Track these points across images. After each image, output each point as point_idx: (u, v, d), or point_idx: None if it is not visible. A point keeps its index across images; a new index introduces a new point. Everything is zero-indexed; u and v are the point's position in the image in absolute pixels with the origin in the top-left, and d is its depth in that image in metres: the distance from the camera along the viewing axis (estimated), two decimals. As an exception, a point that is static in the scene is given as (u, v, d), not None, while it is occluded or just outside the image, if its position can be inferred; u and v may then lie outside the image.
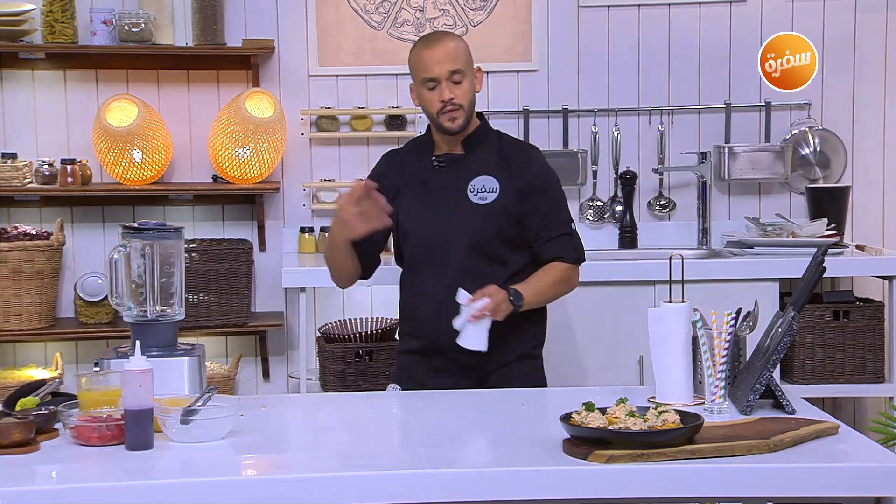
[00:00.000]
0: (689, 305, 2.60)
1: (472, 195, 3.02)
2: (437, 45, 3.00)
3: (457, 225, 3.00)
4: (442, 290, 2.97)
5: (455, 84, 2.98)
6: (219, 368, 4.27)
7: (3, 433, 2.25)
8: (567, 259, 3.06)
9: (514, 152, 3.08)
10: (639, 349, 3.96)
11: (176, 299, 2.77)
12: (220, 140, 4.23)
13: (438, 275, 3.00)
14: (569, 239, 3.08)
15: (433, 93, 2.99)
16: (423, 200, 3.05)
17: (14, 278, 4.08)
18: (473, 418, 2.70)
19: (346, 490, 2.13)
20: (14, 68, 4.28)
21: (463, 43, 3.05)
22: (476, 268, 2.99)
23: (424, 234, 3.04)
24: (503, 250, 3.03)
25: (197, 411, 2.35)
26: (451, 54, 2.98)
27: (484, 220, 3.00)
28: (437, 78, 2.97)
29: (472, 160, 3.05)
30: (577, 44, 4.52)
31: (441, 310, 2.95)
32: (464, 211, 3.00)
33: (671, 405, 2.40)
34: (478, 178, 3.02)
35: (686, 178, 4.59)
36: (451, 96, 2.97)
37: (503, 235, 3.02)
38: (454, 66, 2.98)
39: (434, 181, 3.05)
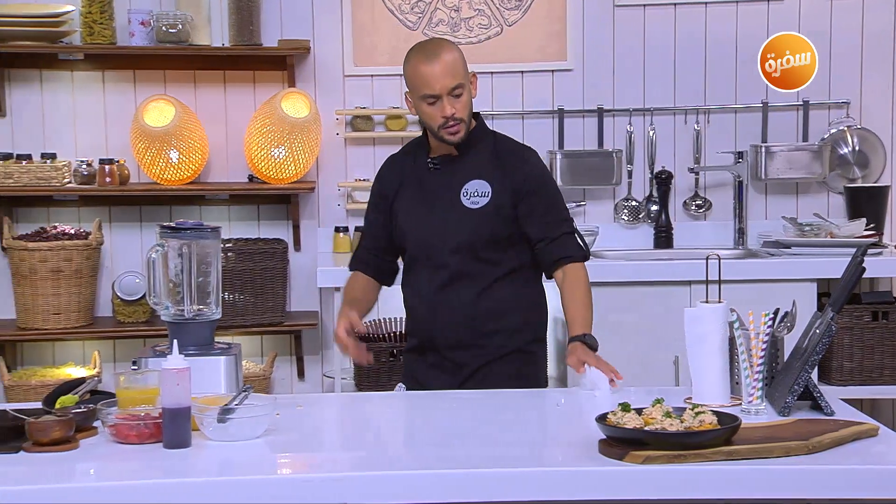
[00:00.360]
0: (725, 306, 2.59)
1: (465, 199, 3.00)
2: (436, 59, 2.91)
3: (450, 228, 3.01)
4: (435, 289, 3.01)
5: (456, 98, 2.94)
6: (254, 367, 4.29)
7: (43, 431, 2.27)
8: (576, 258, 3.04)
9: (508, 154, 3.05)
10: (674, 349, 3.95)
11: (212, 298, 2.79)
12: (256, 140, 4.25)
13: (432, 274, 3.03)
14: (572, 238, 3.06)
15: (434, 108, 2.94)
16: (420, 201, 3.06)
17: (53, 277, 4.12)
18: (509, 418, 2.69)
19: (384, 489, 2.13)
20: (53, 69, 4.33)
21: (459, 52, 2.98)
22: (468, 269, 3.00)
23: (419, 234, 3.06)
24: (495, 252, 3.02)
25: (234, 410, 2.36)
26: (451, 69, 2.91)
27: (475, 224, 2.99)
28: (438, 94, 2.92)
29: (467, 162, 3.03)
30: (613, 43, 4.51)
31: (435, 308, 2.99)
32: (457, 214, 3.00)
33: (708, 406, 2.38)
34: (471, 181, 3.01)
35: (722, 178, 4.56)
36: (453, 111, 2.93)
37: (495, 238, 3.01)
38: (455, 81, 2.91)
39: (430, 182, 3.05)
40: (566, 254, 3.02)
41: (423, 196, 3.05)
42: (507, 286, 3.01)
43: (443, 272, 3.00)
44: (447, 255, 3.00)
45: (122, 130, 4.32)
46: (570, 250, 3.03)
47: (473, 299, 2.98)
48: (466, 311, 2.99)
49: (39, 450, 2.27)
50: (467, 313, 2.99)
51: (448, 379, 3.00)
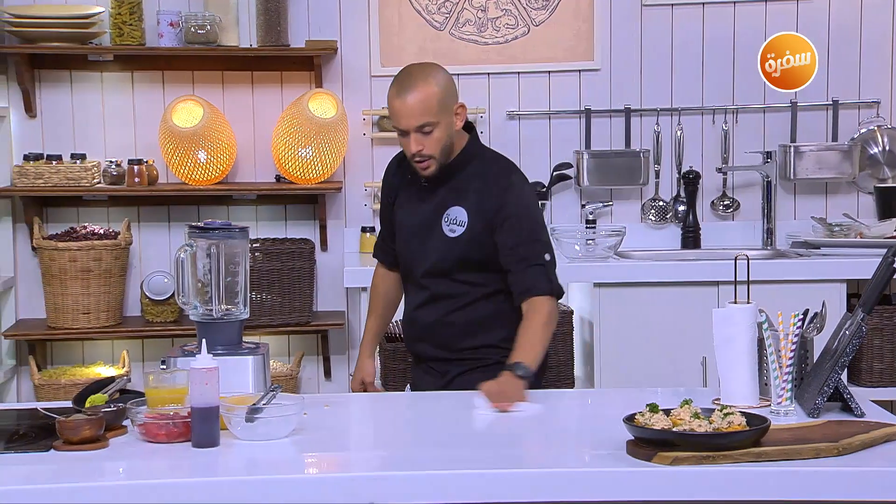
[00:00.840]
0: (754, 306, 2.58)
1: (445, 225, 2.98)
2: (406, 94, 2.87)
3: (427, 251, 3.00)
4: (414, 305, 3.06)
5: (425, 135, 2.88)
6: (281, 367, 4.30)
7: (74, 430, 2.28)
8: (538, 291, 2.90)
9: (488, 180, 2.99)
10: (702, 350, 3.93)
11: (240, 298, 2.80)
12: (283, 140, 4.26)
13: (414, 290, 3.07)
14: (541, 270, 2.92)
15: (405, 140, 2.93)
16: (410, 219, 3.07)
17: (83, 277, 4.15)
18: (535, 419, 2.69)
19: (412, 489, 2.14)
20: (83, 70, 4.35)
21: (439, 86, 2.89)
22: (444, 290, 3.00)
23: (403, 252, 3.09)
24: (472, 275, 2.98)
25: (262, 409, 2.37)
26: (419, 108, 2.85)
27: (449, 251, 2.97)
28: (404, 130, 2.90)
29: (452, 186, 2.99)
30: (640, 42, 4.49)
31: (413, 323, 3.05)
32: (434, 240, 2.99)
33: (736, 407, 2.37)
34: (452, 207, 2.98)
35: (750, 178, 4.54)
36: (420, 148, 2.89)
37: (468, 265, 2.97)
38: (421, 121, 2.86)
39: (420, 202, 3.04)
40: (527, 287, 2.91)
41: (413, 215, 3.06)
42: (488, 305, 2.98)
43: (422, 292, 3.04)
44: (423, 277, 3.02)
45: (150, 131, 4.35)
46: (533, 283, 2.91)
47: (448, 317, 2.98)
48: (440, 329, 3.00)
49: (70, 448, 2.29)
50: (441, 331, 3.00)
51: (435, 382, 3.03)
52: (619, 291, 4.07)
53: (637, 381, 3.97)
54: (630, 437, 2.25)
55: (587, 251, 4.19)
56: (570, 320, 4.18)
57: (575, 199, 4.55)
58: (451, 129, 2.93)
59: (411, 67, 3.02)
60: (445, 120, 2.90)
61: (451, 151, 2.97)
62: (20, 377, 4.37)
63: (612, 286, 4.07)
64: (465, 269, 2.98)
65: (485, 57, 4.49)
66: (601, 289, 4.07)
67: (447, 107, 2.91)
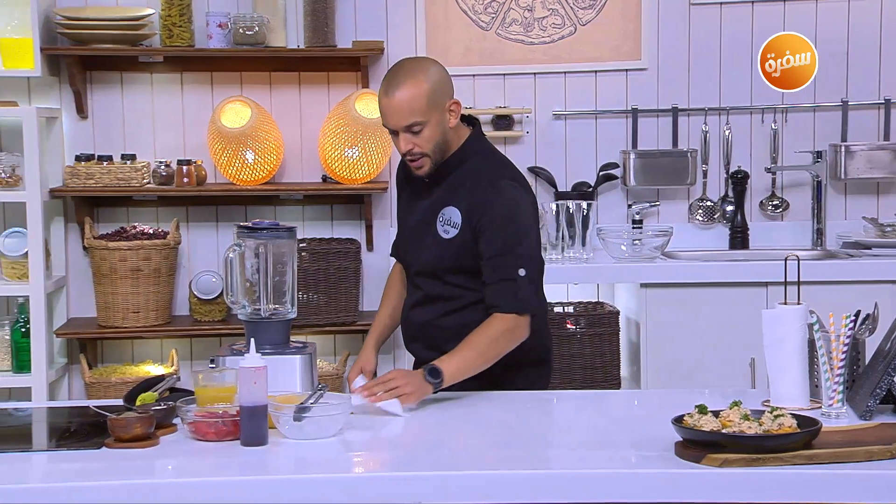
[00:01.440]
0: (805, 307, 2.55)
1: (440, 226, 2.89)
2: (394, 92, 2.78)
3: (421, 250, 2.94)
4: (410, 303, 3.00)
5: (414, 134, 2.80)
6: (327, 366, 4.32)
7: (125, 427, 2.31)
8: (502, 309, 2.76)
9: (480, 179, 2.88)
10: (750, 351, 3.90)
11: (288, 298, 2.81)
12: (330, 140, 4.28)
13: (410, 289, 3.02)
14: (511, 286, 2.77)
15: (396, 139, 2.86)
16: (409, 217, 3.03)
17: (132, 276, 4.19)
18: (578, 419, 2.68)
19: (458, 489, 2.14)
20: (134, 71, 4.40)
21: (426, 84, 2.78)
22: (436, 292, 2.92)
23: (402, 248, 3.05)
24: (464, 280, 2.88)
25: (309, 409, 2.38)
26: (408, 106, 2.76)
27: (442, 253, 2.89)
28: (393, 129, 2.84)
29: (447, 185, 2.91)
30: (688, 41, 4.46)
31: (407, 323, 2.99)
32: (429, 240, 2.92)
33: (787, 409, 2.35)
34: (447, 207, 2.88)
35: (800, 178, 4.49)
36: (410, 147, 2.81)
37: (460, 269, 2.88)
38: (409, 120, 2.77)
39: (419, 201, 2.98)
40: (494, 302, 2.78)
41: (411, 215, 3.01)
42: (479, 312, 2.83)
43: (416, 291, 2.98)
44: (416, 276, 2.97)
45: (199, 131, 4.39)
46: (499, 300, 2.78)
47: (439, 320, 2.89)
48: (432, 331, 2.92)
49: (121, 446, 2.31)
50: (432, 333, 2.92)
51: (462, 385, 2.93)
52: (666, 292, 4.04)
53: (684, 383, 3.95)
54: (678, 438, 2.24)
55: (633, 251, 4.17)
56: (616, 321, 4.16)
57: (621, 200, 4.53)
58: (443, 126, 2.82)
59: (402, 63, 2.90)
60: (436, 118, 2.80)
61: (448, 148, 2.87)
62: (71, 375, 4.42)
63: (658, 286, 4.04)
64: (457, 272, 2.88)
65: (531, 57, 4.49)
66: (648, 289, 4.05)
67: (438, 104, 2.80)
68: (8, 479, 2.16)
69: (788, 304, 2.57)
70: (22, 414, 2.80)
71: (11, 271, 4.21)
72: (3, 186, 4.13)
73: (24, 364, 4.17)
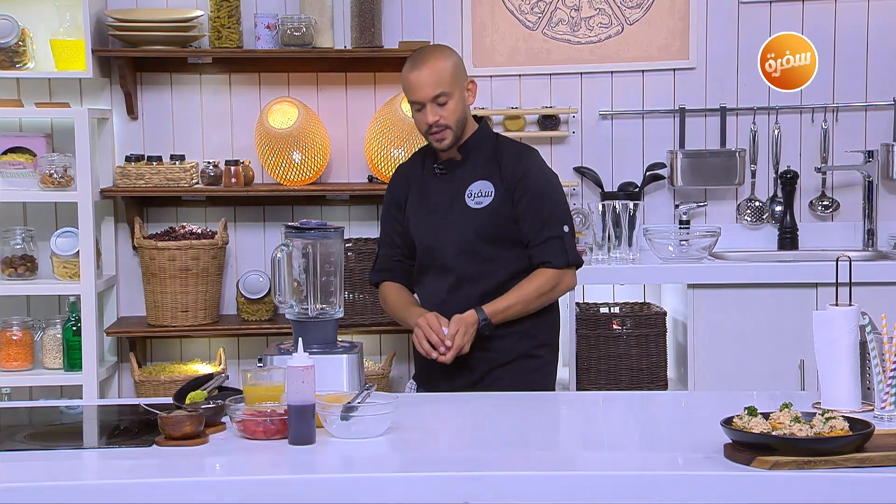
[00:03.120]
0: (857, 309, 2.52)
1: (470, 200, 3.05)
2: (421, 66, 2.98)
3: (453, 228, 3.04)
4: (441, 292, 3.05)
5: (440, 106, 2.98)
6: (373, 366, 4.33)
7: (175, 426, 2.33)
8: (554, 264, 3.02)
9: (507, 154, 3.08)
10: (799, 353, 3.87)
11: (336, 297, 2.83)
12: (376, 141, 4.29)
13: (439, 278, 3.06)
14: (558, 242, 3.02)
15: (420, 114, 3.01)
16: (426, 207, 3.10)
17: (181, 276, 4.23)
18: (630, 420, 2.67)
19: (503, 488, 2.14)
20: (183, 72, 4.44)
21: (450, 60, 3.01)
22: (472, 272, 3.03)
23: (425, 238, 3.09)
24: (496, 252, 3.03)
25: (357, 408, 2.39)
26: (434, 78, 2.96)
27: (478, 223, 3.02)
28: (421, 101, 2.98)
29: (471, 165, 3.07)
30: (737, 40, 4.43)
31: (443, 309, 3.00)
32: (460, 215, 3.04)
33: (838, 411, 2.32)
34: (475, 182, 3.05)
35: (851, 178, 4.44)
36: (436, 119, 2.99)
37: (497, 237, 3.03)
38: (437, 90, 2.97)
39: (436, 187, 3.10)
40: (545, 258, 3.02)
41: (430, 201, 3.10)
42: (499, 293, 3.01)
43: (449, 276, 3.04)
44: (451, 258, 3.03)
45: (247, 132, 4.42)
46: (551, 255, 3.02)
47: (478, 303, 2.99)
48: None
49: (171, 444, 2.33)
50: None
51: (458, 382, 3.01)
52: (714, 293, 4.01)
53: (732, 384, 3.92)
54: (727, 440, 2.22)
55: (681, 252, 4.15)
56: (663, 321, 4.14)
57: (668, 200, 4.50)
58: (464, 102, 3.02)
59: (423, 47, 3.15)
60: (459, 92, 3.00)
61: (465, 127, 3.05)
62: (121, 373, 4.47)
63: (706, 287, 4.02)
64: (494, 241, 3.02)
65: (577, 56, 4.47)
66: (695, 290, 4.02)
67: (460, 79, 3.02)
68: (60, 476, 2.19)
69: (840, 305, 2.54)
70: (73, 412, 2.83)
71: (63, 271, 4.27)
72: (56, 187, 4.19)
73: (76, 362, 4.22)
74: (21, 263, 4.28)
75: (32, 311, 4.43)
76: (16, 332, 4.25)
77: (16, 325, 4.26)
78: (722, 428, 2.22)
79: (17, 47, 4.29)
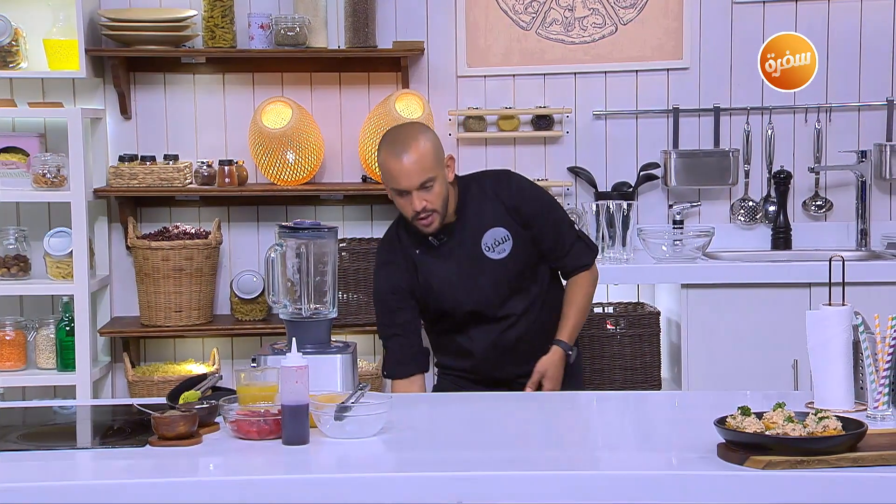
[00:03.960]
0: (850, 308, 2.52)
1: (488, 252, 3.06)
2: (404, 155, 2.92)
3: (486, 285, 3.06)
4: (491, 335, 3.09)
5: (426, 191, 2.94)
6: (367, 366, 4.33)
7: (169, 426, 2.33)
8: (588, 264, 3.17)
9: (498, 189, 3.08)
10: (792, 353, 3.87)
11: (329, 297, 2.83)
12: (370, 140, 4.29)
13: (481, 327, 3.09)
14: (581, 244, 3.17)
15: (404, 200, 2.97)
16: (442, 277, 3.07)
17: (175, 276, 4.23)
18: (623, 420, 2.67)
19: (496, 488, 2.14)
20: (176, 72, 4.43)
21: (430, 142, 2.96)
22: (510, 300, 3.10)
23: (459, 304, 3.08)
24: (530, 277, 3.12)
25: (350, 408, 2.39)
26: (419, 165, 2.92)
27: (507, 272, 3.07)
28: (407, 190, 2.95)
29: (471, 220, 3.07)
30: (731, 40, 4.43)
31: (494, 349, 3.10)
32: (486, 271, 3.07)
33: (831, 411, 2.33)
34: (486, 233, 3.06)
35: (844, 178, 4.45)
36: (423, 204, 2.95)
37: (528, 268, 3.11)
38: (423, 177, 2.93)
39: (444, 255, 3.08)
40: (581, 263, 3.15)
41: (443, 270, 3.07)
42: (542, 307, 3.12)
43: (494, 321, 3.08)
44: (494, 309, 3.08)
45: (240, 132, 4.41)
46: (584, 258, 3.15)
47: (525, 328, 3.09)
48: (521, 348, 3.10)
49: (164, 444, 2.33)
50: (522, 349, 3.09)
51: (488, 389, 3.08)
52: (708, 292, 4.01)
53: (725, 384, 3.92)
54: (720, 440, 2.22)
55: (675, 252, 4.15)
56: (657, 321, 4.14)
57: (662, 200, 4.51)
58: (446, 181, 3.00)
59: (398, 129, 3.06)
60: (441, 172, 2.97)
61: (449, 201, 3.03)
62: (115, 374, 4.47)
63: (700, 287, 4.02)
64: (528, 274, 3.10)
65: (571, 56, 4.47)
66: (689, 290, 4.02)
67: (441, 159, 2.99)
68: (53, 476, 2.19)
69: (833, 305, 2.54)
70: (66, 412, 2.83)
71: (56, 271, 4.26)
72: (49, 187, 4.18)
73: (69, 362, 4.21)
74: (14, 263, 4.27)
75: (26, 311, 4.42)
76: (9, 332, 4.24)
77: (9, 325, 4.25)
78: (715, 428, 2.22)
79: (10, 47, 4.28)
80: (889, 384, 2.44)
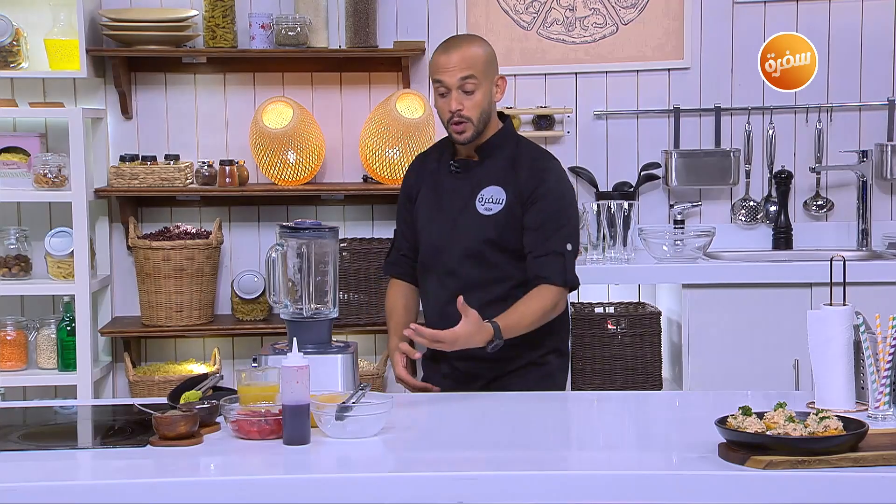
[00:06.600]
0: (851, 308, 2.52)
1: (480, 205, 2.94)
2: (454, 49, 2.88)
3: (459, 232, 2.95)
4: (445, 295, 2.94)
5: (466, 94, 2.87)
6: (368, 366, 4.33)
7: (170, 426, 2.33)
8: (552, 281, 2.88)
9: (526, 161, 2.96)
10: (793, 353, 3.87)
11: (330, 297, 2.83)
12: (371, 140, 4.29)
13: (443, 282, 2.98)
14: (559, 259, 2.89)
15: (444, 100, 2.90)
16: (436, 206, 3.02)
17: (176, 276, 4.23)
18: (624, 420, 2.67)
19: (497, 488, 2.14)
20: (177, 72, 4.43)
21: (484, 49, 2.91)
22: (478, 278, 2.93)
23: (431, 238, 3.01)
24: (503, 261, 2.93)
25: (351, 408, 2.39)
26: (466, 61, 2.86)
27: (484, 229, 2.92)
28: (447, 84, 2.88)
29: (486, 168, 2.97)
30: (732, 40, 4.43)
31: (446, 318, 2.88)
32: (468, 220, 2.95)
33: (832, 411, 2.33)
34: (487, 188, 2.94)
35: (845, 178, 4.45)
36: (459, 107, 2.88)
37: (504, 246, 2.92)
38: (465, 73, 2.86)
39: (448, 186, 3.01)
40: (543, 274, 2.89)
41: (440, 201, 3.02)
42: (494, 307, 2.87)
43: (454, 280, 2.95)
44: (456, 262, 2.95)
45: (241, 132, 4.41)
46: (549, 271, 2.89)
47: (483, 310, 2.82)
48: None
49: (165, 444, 2.33)
50: None
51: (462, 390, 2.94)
52: (709, 292, 4.02)
53: (726, 384, 3.92)
54: (721, 440, 2.22)
55: (675, 252, 4.15)
56: (657, 321, 4.14)
57: (663, 199, 4.51)
58: (490, 96, 2.92)
59: (457, 35, 3.08)
60: (487, 84, 2.90)
61: (487, 124, 2.94)
62: (116, 373, 4.47)
63: (701, 287, 4.02)
64: (500, 250, 2.92)
65: (572, 56, 4.47)
66: (690, 290, 4.02)
67: (490, 71, 2.92)
68: (54, 476, 2.19)
69: (834, 305, 2.54)
70: (67, 412, 2.83)
71: (57, 270, 4.27)
72: (50, 186, 4.18)
73: (70, 362, 4.21)
74: (15, 263, 4.27)
75: (27, 311, 4.42)
76: (10, 332, 4.24)
77: (10, 325, 4.25)
78: (716, 427, 2.22)
79: (11, 47, 4.28)
80: (890, 384, 2.44)
